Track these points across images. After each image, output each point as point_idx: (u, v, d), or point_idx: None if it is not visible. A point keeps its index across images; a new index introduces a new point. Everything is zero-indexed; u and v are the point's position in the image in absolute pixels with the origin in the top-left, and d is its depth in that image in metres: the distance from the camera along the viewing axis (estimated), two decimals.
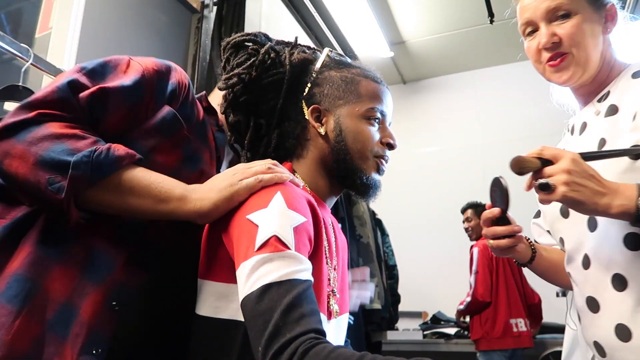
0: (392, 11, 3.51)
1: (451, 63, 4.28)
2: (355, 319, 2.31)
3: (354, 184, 0.84)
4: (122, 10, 2.14)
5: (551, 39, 0.88)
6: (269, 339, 0.55)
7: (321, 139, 0.85)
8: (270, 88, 0.87)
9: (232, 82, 0.85)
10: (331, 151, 0.84)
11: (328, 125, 0.84)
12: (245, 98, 0.86)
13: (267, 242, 0.62)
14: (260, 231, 0.64)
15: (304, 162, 0.86)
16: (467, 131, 4.25)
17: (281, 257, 0.61)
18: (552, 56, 0.90)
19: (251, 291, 0.59)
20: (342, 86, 0.86)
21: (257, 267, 0.60)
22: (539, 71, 0.96)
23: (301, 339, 0.54)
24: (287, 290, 0.58)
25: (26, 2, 1.98)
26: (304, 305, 0.58)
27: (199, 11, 2.56)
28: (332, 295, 0.78)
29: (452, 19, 3.59)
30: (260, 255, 0.61)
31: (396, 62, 4.22)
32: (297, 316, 0.57)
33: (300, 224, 0.67)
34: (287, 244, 0.63)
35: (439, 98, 4.48)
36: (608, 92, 0.91)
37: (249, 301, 0.59)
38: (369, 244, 2.62)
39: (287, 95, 0.87)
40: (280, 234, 0.63)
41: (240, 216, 0.68)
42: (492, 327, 2.76)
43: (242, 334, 0.68)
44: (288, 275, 0.60)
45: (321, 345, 0.54)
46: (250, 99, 0.86)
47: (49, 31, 1.85)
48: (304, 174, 0.85)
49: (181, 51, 2.52)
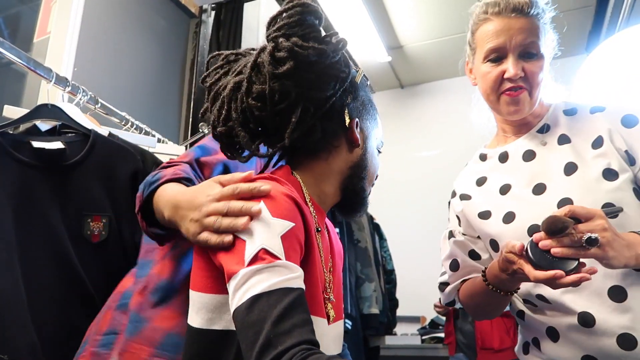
0: (389, 16, 3.53)
1: (449, 67, 4.29)
2: (353, 323, 2.30)
3: (353, 201, 0.88)
4: (120, 15, 2.14)
5: (520, 72, 0.93)
6: (260, 352, 0.55)
7: (347, 151, 0.85)
8: (332, 79, 0.82)
9: (308, 48, 0.77)
10: (352, 166, 0.86)
11: (355, 140, 0.86)
12: (308, 74, 0.79)
13: (256, 256, 0.62)
14: (248, 246, 0.63)
15: (319, 165, 0.84)
16: (465, 135, 4.23)
17: (271, 268, 0.61)
18: (512, 86, 0.95)
19: (241, 302, 0.59)
20: (371, 110, 0.91)
21: (246, 279, 0.60)
22: (486, 99, 1.01)
23: (293, 351, 0.54)
24: (277, 300, 0.58)
25: (25, 7, 1.98)
26: (294, 315, 0.57)
27: (197, 16, 2.57)
28: (328, 300, 0.77)
29: (450, 23, 3.60)
30: (249, 268, 0.61)
31: (394, 66, 4.22)
32: (289, 327, 0.56)
33: (288, 231, 0.66)
34: (276, 254, 0.62)
35: (436, 102, 4.49)
36: (547, 125, 1.01)
37: (239, 312, 0.59)
38: (366, 248, 2.62)
39: (341, 95, 0.84)
40: (268, 245, 0.62)
41: None
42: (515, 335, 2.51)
43: (237, 344, 0.67)
44: (278, 284, 0.59)
45: (315, 356, 0.53)
46: (311, 77, 0.79)
47: (47, 36, 1.85)
48: (313, 177, 0.84)
49: (179, 55, 2.53)
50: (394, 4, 3.38)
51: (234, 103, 0.79)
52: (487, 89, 0.99)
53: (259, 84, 0.77)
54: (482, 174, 1.08)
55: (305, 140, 0.81)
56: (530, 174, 0.98)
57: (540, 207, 0.91)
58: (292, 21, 0.78)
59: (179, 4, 2.49)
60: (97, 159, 1.10)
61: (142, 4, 2.28)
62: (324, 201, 0.85)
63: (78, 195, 1.08)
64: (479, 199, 1.05)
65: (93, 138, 1.11)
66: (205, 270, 0.71)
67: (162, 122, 2.27)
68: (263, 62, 0.77)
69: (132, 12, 2.21)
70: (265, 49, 0.78)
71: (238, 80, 0.79)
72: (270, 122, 0.79)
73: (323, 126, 0.82)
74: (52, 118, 1.13)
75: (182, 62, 2.54)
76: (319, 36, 0.79)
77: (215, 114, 0.81)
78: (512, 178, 1.00)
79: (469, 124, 1.23)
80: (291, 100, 0.77)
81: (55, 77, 1.19)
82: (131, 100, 2.13)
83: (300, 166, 0.85)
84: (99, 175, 1.09)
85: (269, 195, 0.69)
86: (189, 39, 2.59)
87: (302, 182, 0.83)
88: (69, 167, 1.08)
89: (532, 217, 0.92)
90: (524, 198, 0.96)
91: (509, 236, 0.93)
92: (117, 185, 1.10)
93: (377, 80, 4.27)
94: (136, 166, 1.11)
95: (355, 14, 3.20)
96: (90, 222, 1.07)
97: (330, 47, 0.79)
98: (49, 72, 1.18)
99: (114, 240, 1.09)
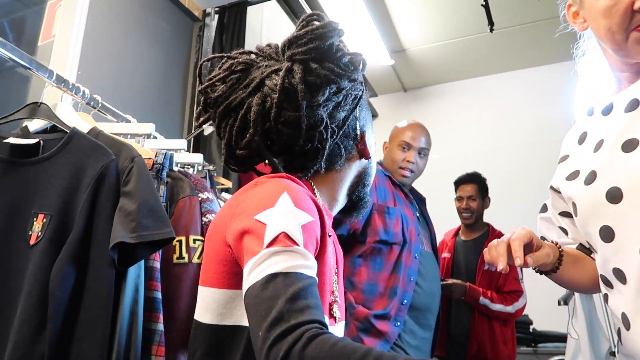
0: (392, 19, 3.53)
1: (452, 71, 4.29)
2: None
3: (357, 205, 0.93)
4: (124, 19, 2.15)
5: None
6: (271, 324, 0.54)
7: (357, 162, 0.89)
8: (352, 99, 0.84)
9: (342, 76, 0.80)
10: (359, 175, 0.91)
11: (367, 153, 0.90)
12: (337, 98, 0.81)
13: (275, 239, 0.62)
14: (268, 229, 0.63)
15: (332, 175, 0.87)
16: (468, 138, 4.25)
17: (289, 252, 0.61)
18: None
19: (256, 280, 0.59)
20: (370, 118, 0.94)
21: (264, 259, 0.60)
22: (609, 39, 0.82)
23: (307, 327, 0.53)
24: (292, 281, 0.58)
25: (29, 10, 1.99)
26: (308, 297, 0.57)
27: (201, 19, 2.58)
28: (334, 302, 0.77)
29: (453, 27, 3.61)
30: (268, 249, 0.61)
31: (397, 70, 4.23)
32: (302, 306, 0.55)
33: (308, 223, 0.66)
34: (295, 240, 0.63)
35: (439, 105, 4.49)
36: None
37: (254, 289, 0.58)
38: None
39: (355, 112, 0.86)
40: (289, 230, 0.63)
41: (247, 217, 0.67)
42: (513, 346, 2.38)
43: (246, 339, 0.67)
44: (295, 268, 0.59)
45: (327, 335, 0.53)
46: (338, 101, 0.81)
47: (51, 39, 1.86)
48: (326, 185, 0.86)
49: (182, 59, 2.53)
50: (396, 7, 3.39)
51: (258, 127, 0.77)
52: (611, 26, 0.80)
53: (291, 111, 0.75)
54: (584, 129, 0.92)
55: (328, 161, 0.84)
56: (625, 127, 0.80)
57: (626, 168, 0.76)
58: (320, 44, 0.76)
59: (182, 8, 2.50)
60: (68, 156, 1.02)
61: (146, 7, 2.29)
62: (334, 207, 0.88)
63: (34, 192, 1.01)
64: (575, 158, 0.90)
65: (69, 135, 1.04)
66: (218, 264, 0.71)
67: (164, 124, 2.27)
68: (295, 87, 0.74)
69: (135, 16, 2.22)
70: (293, 71, 0.75)
71: (260, 101, 0.76)
72: (299, 147, 0.79)
73: (343, 144, 0.85)
74: (40, 116, 1.11)
75: (185, 65, 2.55)
76: (347, 60, 0.81)
77: (234, 135, 0.79)
78: (607, 132, 0.84)
79: (473, 127, 1.22)
80: (322, 126, 0.78)
81: (56, 77, 1.20)
82: (134, 102, 2.14)
83: (314, 174, 0.86)
84: (64, 172, 1.01)
85: (291, 189, 0.70)
86: (192, 43, 2.60)
87: (315, 187, 0.85)
88: (35, 162, 1.02)
89: (614, 178, 0.77)
90: (611, 155, 0.80)
91: (585, 200, 0.80)
92: (80, 184, 1.00)
93: (380, 84, 4.27)
94: (107, 164, 1.01)
95: (358, 18, 3.21)
96: (35, 221, 0.98)
97: (357, 71, 0.82)
98: (51, 73, 1.18)
99: (47, 241, 0.95)
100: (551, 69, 3.96)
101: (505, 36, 3.59)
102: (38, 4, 1.97)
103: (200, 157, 1.48)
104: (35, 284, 0.91)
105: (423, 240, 1.72)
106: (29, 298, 0.90)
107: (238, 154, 0.80)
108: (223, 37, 2.49)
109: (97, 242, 0.95)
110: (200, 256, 1.15)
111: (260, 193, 0.71)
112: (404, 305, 1.55)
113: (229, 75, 0.81)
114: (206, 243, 0.76)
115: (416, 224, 1.71)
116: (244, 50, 0.86)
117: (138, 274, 0.98)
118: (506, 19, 3.34)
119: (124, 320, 0.92)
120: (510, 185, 3.67)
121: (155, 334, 1.00)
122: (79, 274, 0.93)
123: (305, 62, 0.76)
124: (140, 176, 0.99)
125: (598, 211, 0.79)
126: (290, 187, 0.71)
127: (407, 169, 1.81)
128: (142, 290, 0.99)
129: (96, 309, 0.91)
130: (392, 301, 1.54)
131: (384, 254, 1.59)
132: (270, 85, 0.76)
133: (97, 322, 0.90)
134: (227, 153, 0.82)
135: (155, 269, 1.05)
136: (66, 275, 0.90)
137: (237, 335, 0.69)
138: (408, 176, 1.82)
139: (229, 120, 0.80)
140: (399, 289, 1.55)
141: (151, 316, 1.01)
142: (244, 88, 0.78)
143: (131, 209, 0.93)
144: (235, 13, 2.50)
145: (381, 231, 1.59)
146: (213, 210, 1.23)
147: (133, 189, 0.97)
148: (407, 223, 1.65)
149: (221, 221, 0.74)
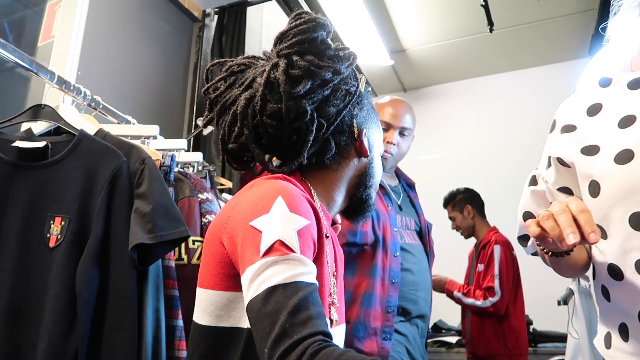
0: (392, 20, 3.53)
1: (451, 71, 4.29)
2: None
3: (360, 208, 0.91)
4: (124, 19, 2.15)
5: None
6: (275, 340, 0.54)
7: (355, 161, 0.89)
8: (343, 94, 0.84)
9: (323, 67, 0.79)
10: (360, 175, 0.89)
11: (364, 151, 0.89)
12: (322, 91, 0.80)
13: (272, 247, 0.62)
14: (264, 237, 0.63)
15: (329, 174, 0.86)
16: (468, 139, 4.25)
17: (286, 260, 0.61)
18: None
19: (257, 294, 0.59)
20: (375, 117, 0.93)
21: (262, 270, 0.60)
22: None
23: (309, 341, 0.54)
24: (292, 292, 0.58)
25: (29, 11, 1.99)
26: (310, 307, 0.57)
27: (200, 20, 2.58)
28: (332, 305, 0.77)
29: (452, 27, 3.61)
30: (265, 259, 0.61)
31: (397, 70, 4.23)
32: (304, 318, 0.56)
33: (304, 227, 0.67)
34: (291, 247, 0.63)
35: (439, 106, 4.49)
36: None
37: (255, 304, 0.59)
38: None
39: (350, 107, 0.86)
40: (284, 237, 0.63)
41: (242, 223, 0.68)
42: (516, 341, 2.42)
43: (244, 341, 0.68)
44: (293, 277, 0.60)
45: (330, 347, 0.53)
46: (325, 94, 0.81)
47: (51, 40, 1.86)
48: (323, 185, 0.86)
49: (182, 59, 2.53)
50: (396, 7, 3.39)
51: (246, 120, 0.79)
52: None
53: (274, 103, 0.77)
54: (597, 100, 0.85)
55: (320, 156, 0.84)
56: None
57: None
58: (304, 38, 0.79)
59: (182, 8, 2.50)
60: (78, 159, 1.04)
61: (146, 7, 2.29)
62: (332, 208, 0.87)
63: (48, 195, 1.02)
64: (587, 130, 0.83)
65: (78, 138, 1.05)
66: (216, 266, 0.71)
67: (164, 124, 2.27)
68: (277, 80, 0.77)
69: (135, 16, 2.22)
70: (278, 66, 0.78)
71: (249, 96, 0.79)
72: (285, 139, 0.80)
73: (335, 140, 0.85)
74: (44, 118, 1.11)
75: (185, 66, 2.55)
76: (332, 53, 0.81)
77: (226, 130, 0.82)
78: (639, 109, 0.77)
79: (472, 127, 1.21)
80: (307, 118, 0.79)
81: (57, 78, 1.20)
82: (134, 103, 2.14)
83: (310, 174, 0.86)
84: (77, 175, 1.02)
85: (286, 192, 0.70)
86: (192, 43, 2.60)
87: (312, 188, 0.85)
88: (46, 165, 1.03)
89: None
90: None
91: (620, 180, 0.72)
92: (94, 187, 1.02)
93: (380, 84, 4.27)
94: (119, 166, 1.03)
95: (358, 18, 3.20)
96: (52, 224, 1.00)
97: (343, 64, 0.81)
98: (52, 75, 1.18)
99: (68, 244, 0.98)
100: (551, 69, 3.96)
101: (505, 36, 3.59)
102: (38, 5, 1.97)
103: (200, 156, 1.48)
104: (62, 285, 0.94)
105: (403, 233, 1.49)
106: (57, 300, 0.93)
107: (229, 147, 0.83)
108: (223, 38, 2.49)
109: (116, 242, 0.99)
110: (199, 257, 1.15)
111: (255, 196, 0.71)
112: (391, 314, 1.33)
113: (228, 75, 0.85)
114: (204, 245, 0.76)
115: (392, 218, 1.46)
116: (249, 55, 0.88)
117: (157, 273, 1.03)
118: (506, 19, 3.34)
119: (149, 317, 0.97)
120: (510, 185, 3.67)
121: (176, 330, 1.05)
122: (103, 275, 0.96)
123: (288, 56, 0.79)
124: (152, 177, 1.02)
125: (634, 196, 0.71)
126: (286, 189, 0.70)
127: (387, 151, 1.55)
128: (162, 289, 1.03)
129: (122, 306, 0.95)
130: (367, 310, 1.32)
131: (354, 257, 1.37)
132: (259, 81, 0.79)
133: (124, 319, 0.94)
134: (222, 148, 0.85)
135: (171, 268, 1.09)
136: (91, 276, 0.94)
137: (235, 337, 0.69)
138: (386, 158, 1.56)
139: (224, 117, 0.82)
140: (374, 295, 1.33)
141: (171, 313, 1.05)
142: (239, 86, 0.82)
143: (146, 211, 0.97)
144: (235, 13, 2.50)
145: (347, 233, 1.35)
146: (212, 211, 1.23)
147: (147, 190, 1.00)
148: (379, 219, 1.41)
149: (219, 223, 0.74)
